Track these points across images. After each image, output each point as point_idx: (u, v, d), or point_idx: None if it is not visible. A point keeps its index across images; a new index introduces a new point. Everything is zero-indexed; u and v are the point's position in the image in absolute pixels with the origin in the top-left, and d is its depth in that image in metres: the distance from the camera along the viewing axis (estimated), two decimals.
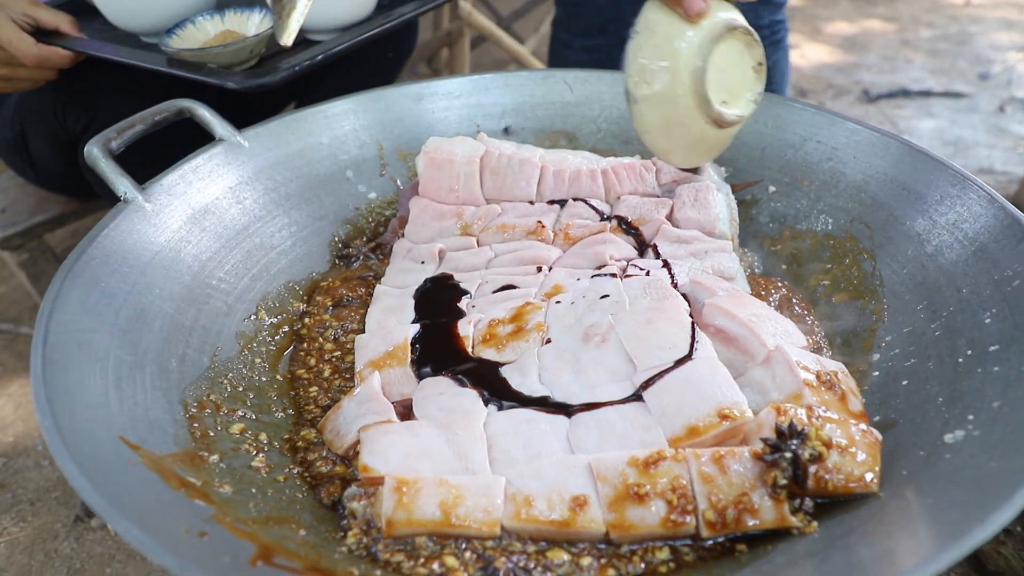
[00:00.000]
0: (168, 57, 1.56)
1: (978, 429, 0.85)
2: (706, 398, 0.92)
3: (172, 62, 1.54)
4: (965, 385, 0.94)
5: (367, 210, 1.49)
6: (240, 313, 1.21)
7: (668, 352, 0.99)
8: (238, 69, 1.56)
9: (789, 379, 0.95)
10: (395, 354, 1.09)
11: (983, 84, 4.12)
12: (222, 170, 1.31)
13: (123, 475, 0.79)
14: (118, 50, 1.62)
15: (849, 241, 1.28)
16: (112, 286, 1.05)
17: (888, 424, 0.98)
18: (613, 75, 1.59)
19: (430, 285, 1.24)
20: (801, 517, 0.84)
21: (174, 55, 1.55)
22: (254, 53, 1.58)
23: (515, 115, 1.60)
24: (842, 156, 1.36)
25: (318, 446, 1.02)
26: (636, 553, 0.84)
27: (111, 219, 1.12)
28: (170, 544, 0.68)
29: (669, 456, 0.86)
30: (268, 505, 0.89)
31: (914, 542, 0.73)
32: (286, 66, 1.48)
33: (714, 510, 0.83)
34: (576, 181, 1.41)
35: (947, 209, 1.16)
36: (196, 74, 1.47)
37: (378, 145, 1.52)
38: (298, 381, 1.15)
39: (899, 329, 1.11)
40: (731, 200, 1.38)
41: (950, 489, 0.78)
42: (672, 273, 1.19)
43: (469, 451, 0.92)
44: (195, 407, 1.02)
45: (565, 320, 1.10)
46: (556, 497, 0.86)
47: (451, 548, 0.84)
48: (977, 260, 1.07)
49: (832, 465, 0.85)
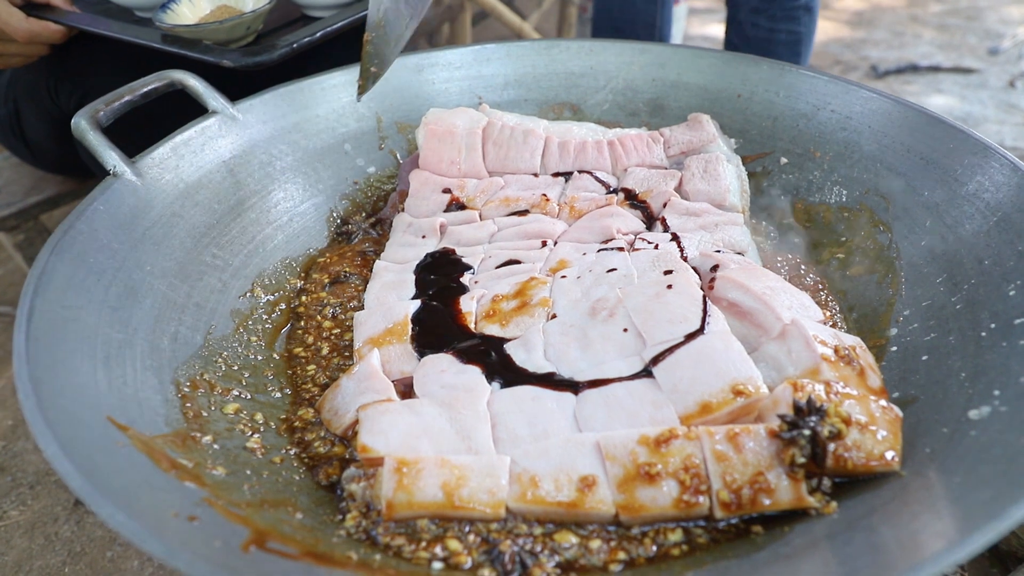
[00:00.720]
0: (162, 33, 1.51)
1: (1005, 405, 0.81)
2: (719, 373, 0.88)
3: (166, 38, 1.50)
4: (989, 359, 0.90)
5: (366, 184, 1.45)
6: (235, 290, 1.18)
7: (679, 326, 0.95)
8: (234, 46, 1.51)
9: (806, 354, 0.91)
10: (395, 331, 1.05)
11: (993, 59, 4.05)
12: (215, 143, 1.27)
13: (109, 457, 0.75)
14: (111, 25, 1.57)
15: (864, 213, 1.24)
16: (101, 262, 1.01)
17: (908, 400, 0.94)
18: (618, 44, 1.54)
19: (431, 260, 1.21)
20: (819, 497, 0.81)
21: (169, 31, 1.50)
22: (251, 30, 1.53)
23: (518, 86, 1.56)
24: (856, 126, 1.31)
25: (316, 426, 0.99)
26: (647, 535, 0.81)
27: (99, 193, 1.08)
28: (157, 529, 0.65)
29: (681, 434, 0.82)
30: (263, 487, 0.86)
31: (942, 523, 0.69)
32: (284, 44, 1.43)
33: (729, 490, 0.80)
34: (582, 153, 1.37)
35: (967, 179, 1.12)
36: (191, 51, 1.43)
37: (377, 118, 1.48)
38: (295, 360, 1.11)
39: (918, 303, 1.07)
40: (742, 172, 1.34)
41: (978, 467, 0.74)
42: (681, 246, 1.15)
43: (472, 430, 0.88)
44: (188, 387, 0.98)
45: (571, 295, 1.07)
46: (563, 477, 0.82)
47: (454, 531, 0.81)
48: (1000, 231, 1.03)
49: (852, 443, 0.81)
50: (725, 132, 1.42)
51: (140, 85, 1.22)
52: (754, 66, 1.45)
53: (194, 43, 1.47)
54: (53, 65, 1.70)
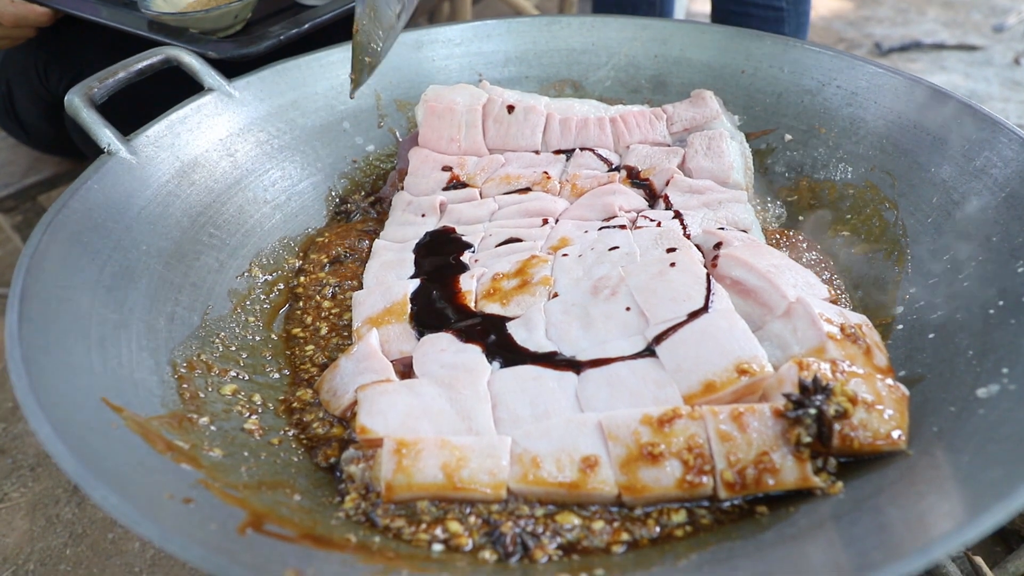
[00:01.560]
0: (148, 20, 1.48)
1: (1014, 383, 0.80)
2: (723, 352, 0.87)
3: (152, 25, 1.46)
4: (998, 337, 0.89)
5: (365, 163, 1.43)
6: (233, 270, 1.16)
7: (682, 305, 0.93)
8: (222, 35, 1.48)
9: (811, 332, 0.90)
10: (394, 310, 1.03)
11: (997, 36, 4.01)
12: (212, 121, 1.25)
13: (103, 439, 0.74)
14: (97, 9, 1.54)
15: (870, 190, 1.22)
16: (96, 242, 1.00)
17: (915, 379, 0.93)
18: (620, 20, 1.52)
19: (431, 239, 1.19)
20: (825, 477, 0.79)
21: (155, 18, 1.48)
22: (239, 19, 1.50)
23: (519, 63, 1.53)
24: (862, 101, 1.29)
25: (315, 407, 0.98)
26: (651, 516, 0.80)
27: (94, 171, 1.06)
28: (151, 511, 0.64)
29: (685, 414, 0.81)
30: (261, 469, 0.85)
31: (950, 503, 0.68)
32: (271, 36, 1.40)
33: (733, 470, 0.78)
34: (583, 130, 1.35)
35: (975, 154, 1.10)
36: (177, 40, 1.40)
37: (376, 95, 1.46)
38: (294, 340, 1.10)
39: (924, 280, 1.06)
40: (745, 149, 1.32)
41: (987, 446, 0.72)
42: (684, 224, 1.14)
43: (472, 410, 0.87)
44: (184, 367, 0.97)
45: (573, 273, 1.05)
46: (565, 458, 0.81)
47: (454, 513, 0.80)
48: (1008, 207, 1.01)
49: (858, 422, 0.80)
50: (729, 109, 1.40)
51: (134, 61, 1.20)
52: (758, 41, 1.42)
53: (180, 31, 1.44)
54: (42, 47, 1.67)
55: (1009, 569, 1.08)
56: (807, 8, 2.41)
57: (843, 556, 0.68)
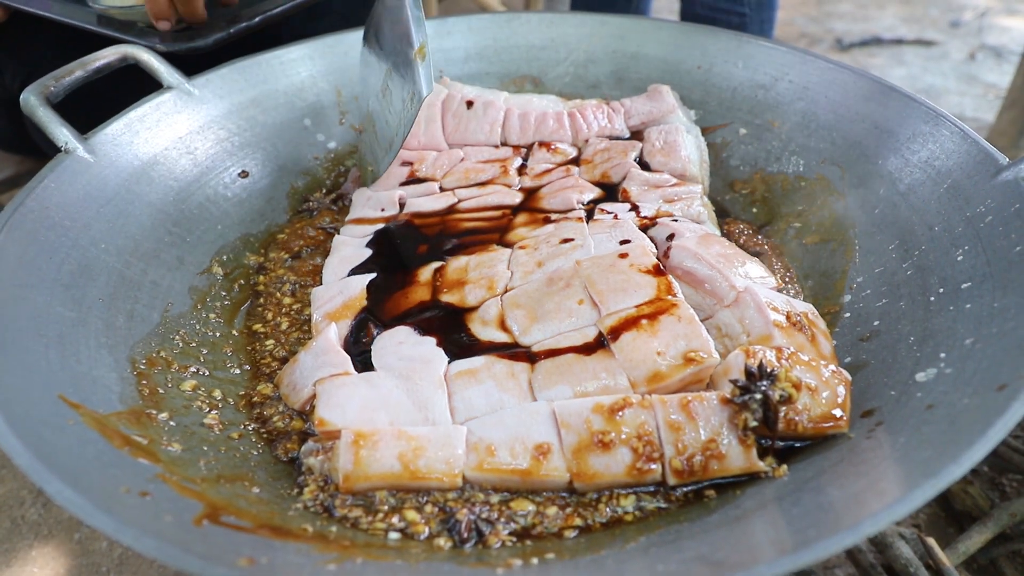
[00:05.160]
0: (97, 14, 1.47)
1: (950, 367, 0.83)
2: (671, 341, 0.89)
3: (101, 20, 1.45)
4: (937, 323, 0.92)
5: (326, 159, 1.44)
6: (193, 267, 1.16)
7: (632, 296, 0.96)
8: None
9: (759, 321, 0.92)
10: (352, 305, 1.05)
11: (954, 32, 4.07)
12: (171, 119, 1.25)
13: (59, 435, 0.75)
14: (45, 4, 1.53)
15: (820, 182, 1.25)
16: (52, 240, 1.00)
17: (860, 365, 0.95)
18: (579, 17, 1.54)
19: (389, 233, 1.20)
20: (770, 461, 0.82)
21: (102, 12, 1.46)
22: None
23: (479, 59, 1.55)
24: (814, 96, 1.32)
25: (275, 401, 0.99)
26: (602, 501, 0.82)
27: (50, 170, 1.06)
28: (106, 505, 0.64)
29: (635, 402, 0.83)
30: (220, 463, 0.86)
31: (886, 482, 0.70)
32: (219, 28, 1.38)
33: (681, 457, 0.81)
34: (542, 124, 1.37)
35: (920, 147, 1.13)
36: (125, 34, 1.37)
37: (336, 92, 1.47)
38: (255, 336, 1.11)
39: (871, 269, 1.09)
40: (701, 143, 1.34)
41: (922, 427, 0.75)
42: (641, 216, 1.16)
43: (429, 401, 0.89)
44: (144, 364, 0.97)
45: (529, 265, 1.07)
46: (519, 445, 0.83)
47: (412, 502, 0.82)
48: (950, 197, 1.05)
49: (802, 406, 0.82)
50: (685, 103, 1.43)
51: (92, 60, 1.19)
52: (713, 37, 1.45)
53: (129, 25, 1.42)
54: None
55: (959, 549, 1.11)
56: (772, 14, 2.45)
57: (784, 534, 0.71)
